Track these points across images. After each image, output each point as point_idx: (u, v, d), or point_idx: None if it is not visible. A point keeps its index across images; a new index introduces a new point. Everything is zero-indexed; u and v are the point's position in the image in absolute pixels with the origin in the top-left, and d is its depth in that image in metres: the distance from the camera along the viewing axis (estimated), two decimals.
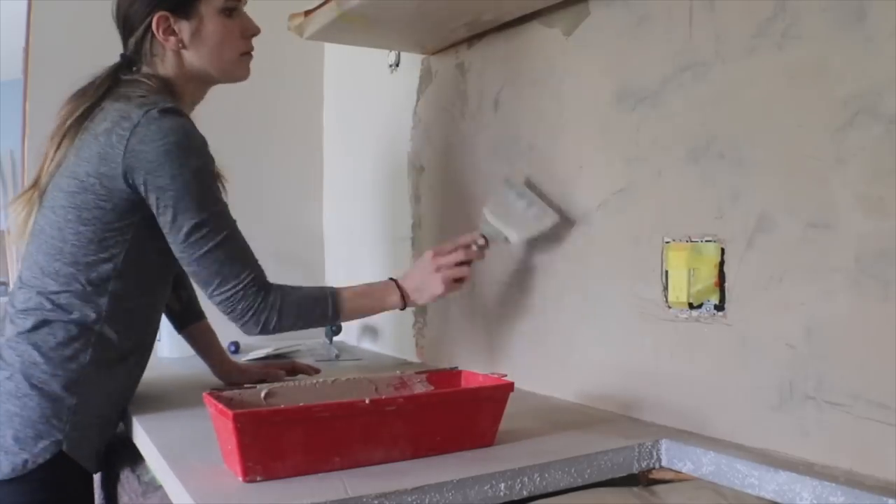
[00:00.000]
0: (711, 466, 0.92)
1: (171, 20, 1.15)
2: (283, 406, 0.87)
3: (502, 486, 0.85)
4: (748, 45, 0.95)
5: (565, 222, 1.23)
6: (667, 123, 1.06)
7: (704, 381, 1.01)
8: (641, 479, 0.98)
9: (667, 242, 1.06)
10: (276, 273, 1.22)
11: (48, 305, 1.10)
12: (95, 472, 1.16)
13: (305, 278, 2.09)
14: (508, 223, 1.25)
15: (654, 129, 1.08)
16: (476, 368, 1.08)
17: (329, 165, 2.19)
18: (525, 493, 0.87)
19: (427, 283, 1.23)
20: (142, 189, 1.08)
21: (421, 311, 1.68)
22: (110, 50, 1.95)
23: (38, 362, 1.08)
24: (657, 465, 0.98)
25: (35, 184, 1.16)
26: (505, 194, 1.29)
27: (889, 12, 0.80)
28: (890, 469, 0.79)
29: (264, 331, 1.15)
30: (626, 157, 1.13)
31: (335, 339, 1.94)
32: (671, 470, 0.98)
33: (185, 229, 1.09)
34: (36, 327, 1.09)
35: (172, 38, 1.16)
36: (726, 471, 0.90)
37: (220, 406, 0.84)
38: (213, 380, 1.43)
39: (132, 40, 1.18)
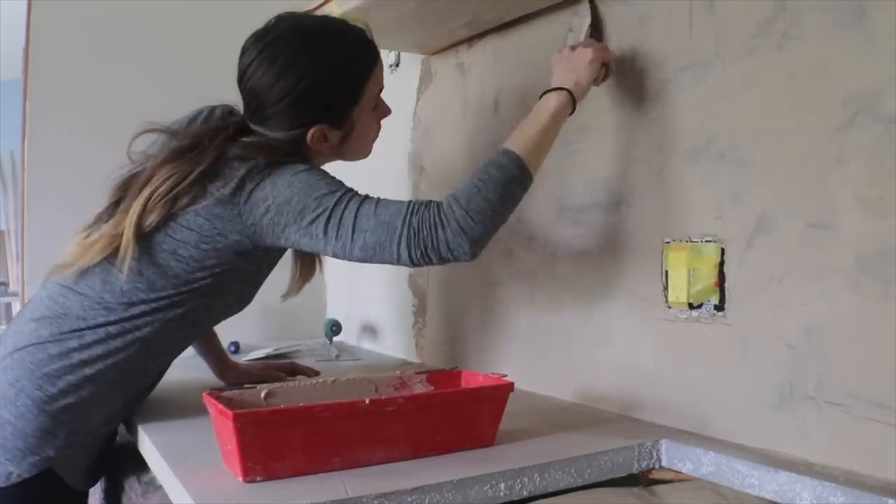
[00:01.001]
0: (711, 466, 0.92)
1: (327, 130, 1.10)
2: (283, 406, 0.87)
3: (502, 486, 0.85)
4: (748, 45, 0.95)
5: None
6: (667, 123, 1.06)
7: (704, 381, 1.01)
8: (641, 480, 0.98)
9: (667, 242, 1.06)
10: (276, 273, 1.22)
11: (77, 324, 1.04)
12: (84, 489, 1.12)
13: None
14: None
15: (653, 129, 1.08)
16: (476, 368, 1.08)
17: (329, 165, 2.18)
18: (525, 493, 0.87)
19: (585, 62, 1.08)
20: (264, 219, 1.01)
21: (421, 311, 1.68)
22: (110, 50, 1.95)
23: (49, 374, 1.02)
24: (657, 466, 0.98)
25: (117, 219, 1.05)
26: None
27: (889, 12, 0.80)
28: (890, 469, 0.79)
29: (471, 235, 0.97)
30: (626, 157, 1.13)
31: (335, 339, 1.94)
32: (671, 470, 0.98)
33: (321, 228, 0.99)
34: (54, 340, 1.04)
35: (325, 145, 1.12)
36: (726, 471, 0.90)
37: (220, 406, 0.84)
38: (214, 380, 1.43)
39: (262, 126, 1.09)
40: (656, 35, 1.08)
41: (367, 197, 1.03)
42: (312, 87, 1.06)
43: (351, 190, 1.04)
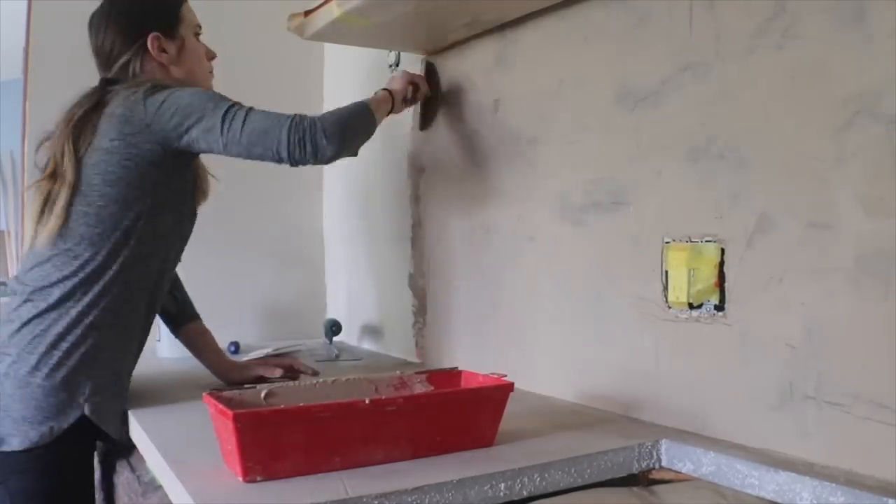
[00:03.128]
0: (711, 466, 0.92)
1: (162, 40, 1.30)
2: (283, 406, 0.87)
3: (502, 486, 0.85)
4: (748, 45, 0.95)
5: None
6: (667, 123, 1.06)
7: (704, 381, 1.01)
8: (641, 479, 0.98)
9: (667, 242, 1.06)
10: (276, 273, 1.22)
11: (69, 269, 1.17)
12: (118, 437, 1.21)
13: (305, 278, 2.11)
14: None
15: (654, 129, 1.09)
16: (476, 368, 1.08)
17: (329, 165, 2.18)
18: (525, 493, 0.87)
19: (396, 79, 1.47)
20: (172, 123, 1.18)
21: (421, 311, 1.68)
22: None
23: (59, 333, 1.15)
24: (657, 466, 0.98)
25: (53, 175, 1.21)
26: None
27: (889, 12, 0.80)
28: (890, 469, 0.79)
29: (332, 148, 1.23)
30: (626, 157, 1.13)
31: (335, 339, 1.94)
32: (671, 470, 0.98)
33: (218, 122, 1.18)
34: (50, 308, 1.16)
35: (165, 55, 1.31)
36: (726, 471, 0.90)
37: (220, 406, 0.84)
38: (213, 380, 1.43)
39: (118, 64, 1.29)
40: (656, 35, 1.08)
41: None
42: (133, 2, 1.31)
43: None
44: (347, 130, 1.25)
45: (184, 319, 1.46)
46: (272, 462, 0.83)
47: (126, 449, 1.26)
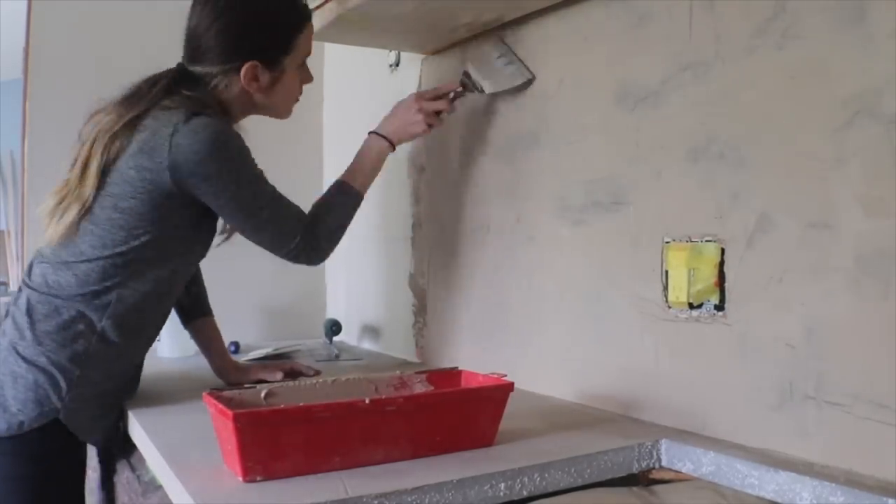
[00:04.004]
0: (711, 466, 0.92)
1: (260, 69, 1.22)
2: (283, 406, 0.87)
3: (502, 486, 0.85)
4: (748, 45, 0.95)
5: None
6: (667, 123, 1.06)
7: (704, 381, 1.01)
8: (641, 479, 0.98)
9: (667, 242, 1.06)
10: (276, 273, 1.22)
11: (69, 281, 1.14)
12: (95, 444, 1.20)
13: (305, 278, 2.11)
14: (486, 76, 1.37)
15: (654, 129, 1.09)
16: (476, 368, 1.08)
17: (329, 165, 2.19)
18: (525, 493, 0.87)
19: (409, 122, 1.36)
20: (190, 182, 1.13)
21: (421, 311, 1.68)
22: (110, 49, 1.95)
23: (49, 332, 1.13)
24: (657, 465, 0.98)
25: (75, 182, 1.17)
26: (488, 52, 1.38)
27: (889, 12, 0.80)
28: (890, 469, 0.79)
29: (325, 258, 1.30)
30: (626, 157, 1.13)
31: (335, 338, 1.94)
32: (671, 470, 0.98)
33: (233, 208, 1.18)
34: (51, 300, 1.14)
35: (255, 84, 1.23)
36: (726, 471, 0.90)
37: (220, 406, 0.84)
38: (214, 379, 1.43)
39: (203, 67, 1.22)
40: (657, 35, 1.08)
41: (275, 195, 1.23)
42: (249, 22, 1.21)
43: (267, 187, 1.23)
44: (342, 231, 1.31)
45: (196, 313, 1.45)
46: (272, 462, 0.83)
47: (126, 449, 1.26)
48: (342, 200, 1.31)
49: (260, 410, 0.86)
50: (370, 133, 1.37)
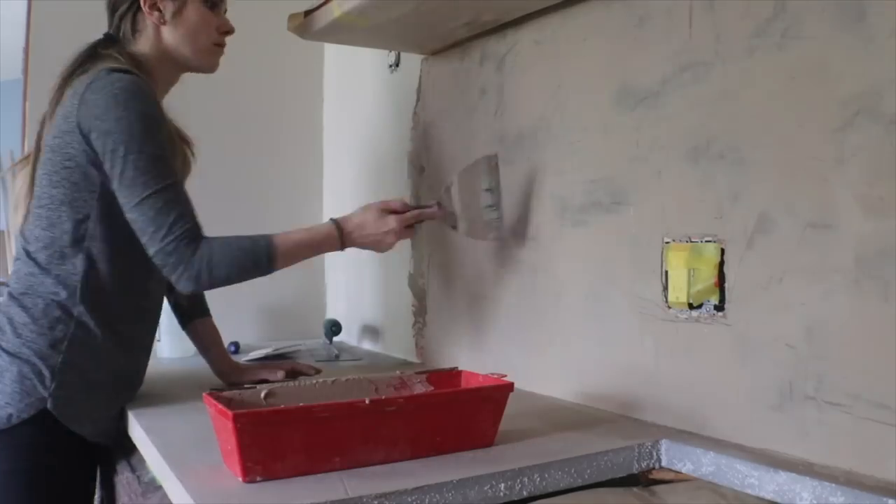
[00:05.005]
0: (711, 466, 0.92)
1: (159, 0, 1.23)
2: (283, 406, 0.87)
3: (502, 486, 0.85)
4: (748, 45, 0.95)
5: (518, 237, 1.31)
6: (667, 123, 1.06)
7: (704, 381, 1.01)
8: (641, 480, 0.98)
9: (667, 242, 1.06)
10: (276, 273, 1.22)
11: (34, 270, 1.15)
12: (85, 435, 1.18)
13: (305, 278, 2.11)
14: (463, 213, 1.31)
15: (654, 129, 1.08)
16: (476, 368, 1.08)
17: (329, 165, 2.19)
18: (525, 494, 0.87)
19: (378, 239, 1.26)
20: (92, 137, 1.11)
21: (421, 311, 1.68)
22: None
23: (27, 322, 1.14)
24: (657, 466, 0.98)
25: (27, 157, 1.22)
26: (479, 179, 1.31)
27: (889, 12, 0.80)
28: (890, 469, 0.79)
29: (197, 286, 1.13)
30: (626, 157, 1.13)
31: (335, 339, 1.94)
32: (671, 470, 0.98)
33: (127, 174, 1.10)
34: (24, 292, 1.15)
35: (156, 13, 1.23)
36: (726, 471, 0.90)
37: (220, 406, 0.84)
38: (213, 380, 1.43)
39: (116, 16, 1.25)
40: (656, 35, 1.08)
41: (170, 192, 1.13)
42: None
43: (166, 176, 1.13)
44: (234, 272, 1.15)
45: (194, 314, 1.45)
46: (272, 462, 0.82)
47: (126, 449, 1.26)
48: (255, 260, 1.16)
49: (260, 410, 0.86)
50: (331, 219, 1.27)
